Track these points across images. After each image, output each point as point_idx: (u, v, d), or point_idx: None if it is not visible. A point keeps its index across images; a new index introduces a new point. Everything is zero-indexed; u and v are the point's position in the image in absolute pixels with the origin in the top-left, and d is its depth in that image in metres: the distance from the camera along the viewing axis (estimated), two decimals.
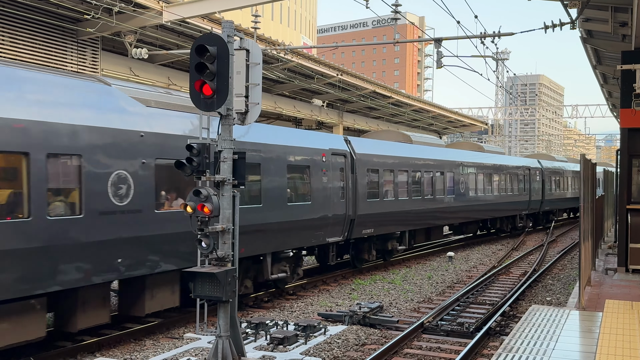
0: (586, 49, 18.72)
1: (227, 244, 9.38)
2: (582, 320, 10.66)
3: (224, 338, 9.33)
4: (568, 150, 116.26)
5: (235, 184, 9.50)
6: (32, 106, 9.33)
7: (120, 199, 10.62)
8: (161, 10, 18.48)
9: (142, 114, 11.22)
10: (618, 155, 17.37)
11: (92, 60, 20.06)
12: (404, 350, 11.10)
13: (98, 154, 10.23)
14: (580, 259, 11.64)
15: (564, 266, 21.95)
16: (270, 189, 14.18)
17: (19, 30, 17.59)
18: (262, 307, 14.76)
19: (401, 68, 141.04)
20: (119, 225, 10.57)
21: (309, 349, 10.99)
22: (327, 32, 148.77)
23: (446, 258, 23.33)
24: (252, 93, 9.79)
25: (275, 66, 25.78)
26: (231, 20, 9.57)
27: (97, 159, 10.21)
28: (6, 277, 8.91)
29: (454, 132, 58.91)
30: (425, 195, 22.69)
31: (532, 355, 8.55)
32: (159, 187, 11.48)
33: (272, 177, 14.27)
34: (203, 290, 9.12)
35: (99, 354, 10.82)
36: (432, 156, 23.66)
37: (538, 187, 35.31)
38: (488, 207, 28.84)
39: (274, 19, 66.04)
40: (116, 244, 10.54)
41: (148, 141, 11.15)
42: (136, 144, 10.91)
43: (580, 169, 11.82)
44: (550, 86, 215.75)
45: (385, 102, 36.49)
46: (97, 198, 10.23)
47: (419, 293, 16.75)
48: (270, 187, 14.18)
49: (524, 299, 15.90)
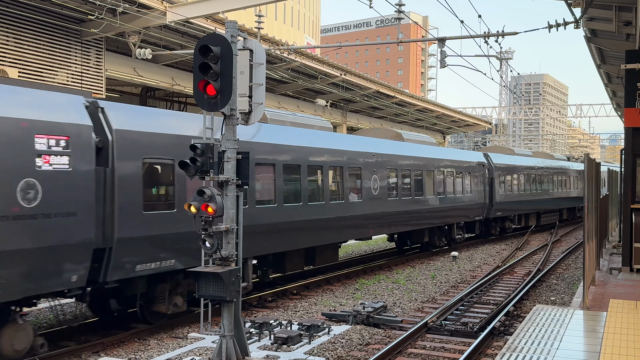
0: (590, 49, 18.69)
1: (231, 243, 9.39)
2: (586, 320, 10.64)
3: (228, 338, 9.34)
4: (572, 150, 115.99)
5: (239, 184, 9.52)
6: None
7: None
8: (165, 10, 18.50)
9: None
10: (622, 155, 17.33)
11: (96, 61, 20.10)
12: (407, 350, 11.09)
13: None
14: (585, 259, 11.62)
15: (568, 266, 21.91)
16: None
17: (23, 31, 17.63)
18: (266, 307, 14.77)
19: (405, 68, 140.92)
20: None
21: (313, 348, 11.00)
22: (330, 32, 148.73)
23: (450, 258, 23.31)
24: (255, 93, 9.80)
25: (278, 66, 25.79)
26: (235, 20, 9.58)
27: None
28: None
29: (458, 132, 58.84)
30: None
31: (536, 355, 8.54)
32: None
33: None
34: (207, 290, 9.14)
35: (104, 353, 10.84)
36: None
37: (482, 189, 27.78)
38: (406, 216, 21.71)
39: (278, 19, 66.03)
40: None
41: None
42: None
43: (585, 168, 11.80)
44: (554, 85, 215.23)
45: (388, 101, 36.47)
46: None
47: (423, 293, 16.74)
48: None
49: (528, 298, 15.87)
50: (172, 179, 11.78)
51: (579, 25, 15.59)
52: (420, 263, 22.52)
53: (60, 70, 18.97)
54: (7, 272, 8.95)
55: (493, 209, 28.95)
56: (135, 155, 10.95)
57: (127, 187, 10.73)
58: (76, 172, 9.84)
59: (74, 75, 19.41)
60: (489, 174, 28.91)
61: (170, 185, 11.79)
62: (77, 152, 9.88)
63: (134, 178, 10.86)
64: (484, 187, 28.04)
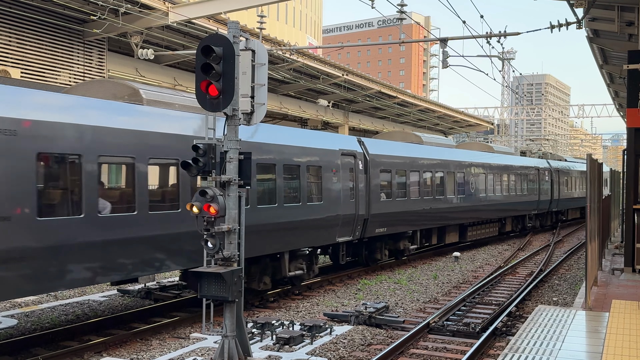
0: (592, 49, 18.69)
1: (233, 244, 9.40)
2: (588, 321, 10.63)
3: (230, 338, 9.35)
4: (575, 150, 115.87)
5: (241, 184, 9.52)
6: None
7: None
8: (167, 11, 18.53)
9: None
10: (624, 155, 17.31)
11: (98, 61, 20.13)
12: (410, 351, 11.09)
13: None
14: (587, 259, 11.61)
15: (571, 266, 21.89)
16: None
17: (25, 31, 17.66)
18: (268, 307, 14.77)
19: (407, 68, 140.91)
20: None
21: (315, 349, 11.00)
22: (332, 32, 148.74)
23: (452, 258, 23.30)
24: (257, 93, 9.80)
25: (280, 66, 25.80)
26: (237, 20, 9.59)
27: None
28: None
29: (460, 132, 58.84)
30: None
31: (538, 356, 8.53)
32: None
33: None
34: (209, 290, 9.14)
35: (106, 353, 10.85)
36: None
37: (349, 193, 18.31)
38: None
39: (280, 19, 66.07)
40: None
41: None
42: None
43: (587, 169, 11.79)
44: (556, 86, 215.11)
45: (390, 102, 36.47)
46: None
47: (425, 293, 16.73)
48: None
49: (530, 299, 15.86)
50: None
51: (581, 26, 15.59)
52: (422, 263, 22.51)
53: (62, 71, 19.00)
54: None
55: (368, 222, 18.62)
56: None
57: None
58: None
59: (76, 75, 19.45)
60: (365, 169, 18.55)
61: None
62: None
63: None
64: (352, 191, 17.85)
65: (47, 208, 9.62)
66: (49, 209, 9.65)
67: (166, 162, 11.82)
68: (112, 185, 11.08)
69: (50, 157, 9.71)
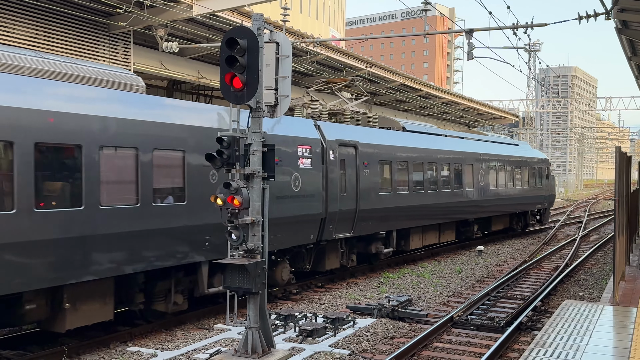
0: (621, 40, 18.32)
1: (257, 236, 9.43)
2: (616, 316, 10.48)
3: (253, 329, 9.39)
4: (601, 143, 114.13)
5: (264, 176, 9.54)
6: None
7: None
8: (191, 3, 18.58)
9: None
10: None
11: (123, 54, 20.28)
12: (433, 344, 11.04)
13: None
14: (615, 254, 11.44)
15: (597, 261, 21.59)
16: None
17: (52, 23, 17.85)
18: (291, 299, 14.82)
19: (430, 60, 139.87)
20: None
21: (338, 341, 11.01)
22: (355, 24, 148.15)
23: (476, 252, 23.13)
24: (281, 86, 9.80)
25: (304, 59, 25.76)
26: (261, 13, 9.58)
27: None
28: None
29: (484, 125, 58.28)
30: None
31: (565, 351, 8.44)
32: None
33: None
34: (233, 282, 9.19)
35: (131, 343, 10.98)
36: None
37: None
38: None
39: (303, 11, 65.97)
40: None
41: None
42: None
43: (615, 162, 11.60)
44: (583, 78, 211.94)
45: (414, 94, 36.23)
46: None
47: (449, 287, 16.64)
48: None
49: (555, 294, 15.68)
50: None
51: (609, 17, 15.29)
52: (446, 257, 22.38)
53: None
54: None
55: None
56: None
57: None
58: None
59: None
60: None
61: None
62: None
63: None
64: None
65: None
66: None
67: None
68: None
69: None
